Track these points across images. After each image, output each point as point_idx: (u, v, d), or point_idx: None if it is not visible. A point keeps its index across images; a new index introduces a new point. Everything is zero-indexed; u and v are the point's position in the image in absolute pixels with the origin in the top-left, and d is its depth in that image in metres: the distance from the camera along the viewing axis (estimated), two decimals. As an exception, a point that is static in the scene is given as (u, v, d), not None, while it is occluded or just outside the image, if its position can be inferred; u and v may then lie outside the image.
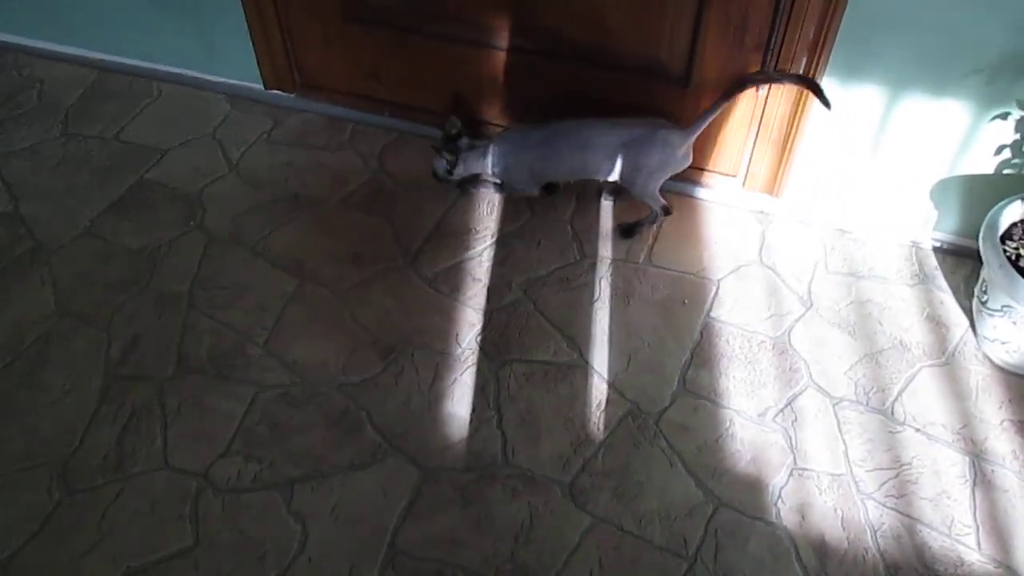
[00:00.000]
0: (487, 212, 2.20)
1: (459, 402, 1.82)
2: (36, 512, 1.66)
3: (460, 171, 2.12)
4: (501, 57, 2.18)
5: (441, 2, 2.12)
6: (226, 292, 2.03)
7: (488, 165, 2.11)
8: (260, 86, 2.46)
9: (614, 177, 2.04)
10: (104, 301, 2.02)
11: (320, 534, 1.62)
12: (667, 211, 2.12)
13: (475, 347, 1.91)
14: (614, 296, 2.02)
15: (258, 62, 2.39)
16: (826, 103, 1.85)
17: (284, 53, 2.35)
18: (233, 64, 2.44)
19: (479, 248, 2.12)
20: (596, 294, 2.02)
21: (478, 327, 1.95)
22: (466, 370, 1.87)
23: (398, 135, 2.40)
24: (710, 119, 1.94)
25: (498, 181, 2.20)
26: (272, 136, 2.39)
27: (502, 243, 2.13)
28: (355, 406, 1.81)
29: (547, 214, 2.20)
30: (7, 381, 1.88)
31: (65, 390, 1.86)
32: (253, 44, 2.34)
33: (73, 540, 1.62)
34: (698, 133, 1.96)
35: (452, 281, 2.04)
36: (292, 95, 2.44)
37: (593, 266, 2.08)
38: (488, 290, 2.03)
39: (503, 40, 2.15)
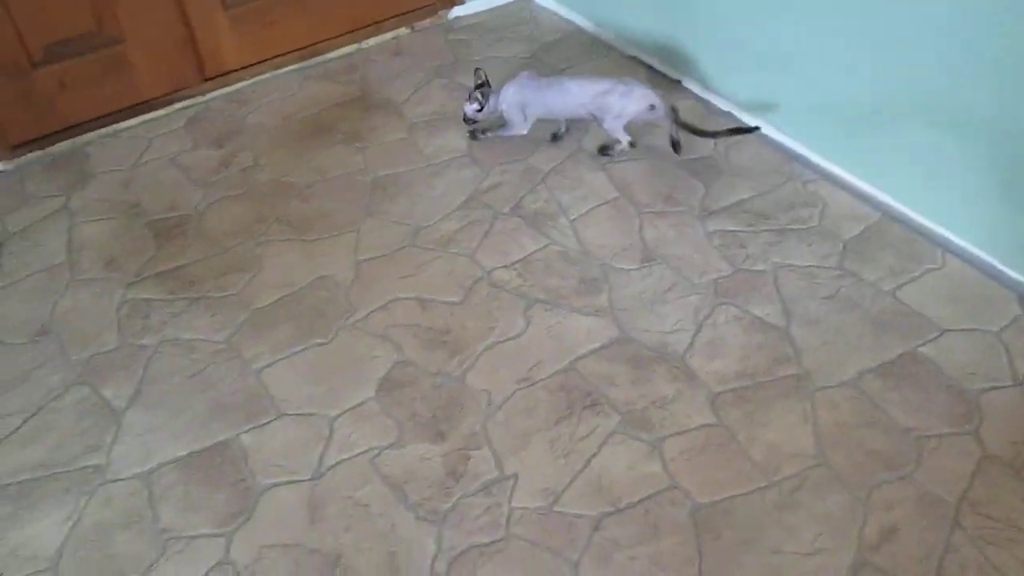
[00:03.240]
0: None
1: None
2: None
3: (487, 111, 2.74)
4: None
5: None
6: (999, 528, 1.81)
7: (500, 100, 2.72)
8: (1067, 303, 2.21)
9: (587, 116, 2.69)
10: (864, 468, 1.92)
11: None
12: (632, 144, 2.69)
13: None
14: None
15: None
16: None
17: None
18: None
19: None
20: None
21: None
22: None
23: None
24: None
25: (500, 111, 2.76)
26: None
27: None
28: None
29: None
30: (758, 506, 1.86)
31: (814, 547, 1.78)
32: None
33: None
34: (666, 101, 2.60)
35: None
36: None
37: None
38: None
39: None
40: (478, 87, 2.75)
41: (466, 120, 2.81)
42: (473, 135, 2.86)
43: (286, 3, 3.15)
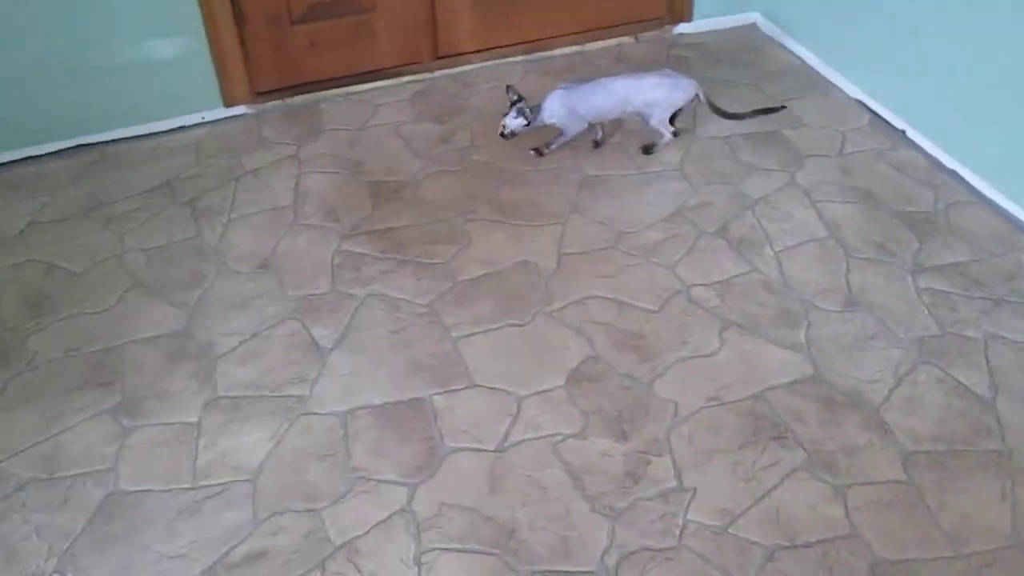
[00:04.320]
0: None
1: None
2: None
3: (534, 123, 2.76)
4: None
5: None
6: None
7: (545, 113, 2.76)
8: None
9: (635, 114, 2.81)
10: (1061, 562, 1.83)
11: None
12: (675, 134, 2.86)
13: None
14: None
15: None
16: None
17: None
18: None
19: None
20: None
21: None
22: None
23: None
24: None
25: (550, 123, 2.80)
26: None
27: None
28: None
29: None
30: (943, 575, 1.80)
31: (998, 630, 1.71)
32: None
33: None
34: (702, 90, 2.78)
35: None
36: None
37: None
38: None
39: None
40: (514, 103, 2.74)
41: (504, 135, 2.79)
42: (539, 152, 2.88)
43: (523, -2, 3.27)
